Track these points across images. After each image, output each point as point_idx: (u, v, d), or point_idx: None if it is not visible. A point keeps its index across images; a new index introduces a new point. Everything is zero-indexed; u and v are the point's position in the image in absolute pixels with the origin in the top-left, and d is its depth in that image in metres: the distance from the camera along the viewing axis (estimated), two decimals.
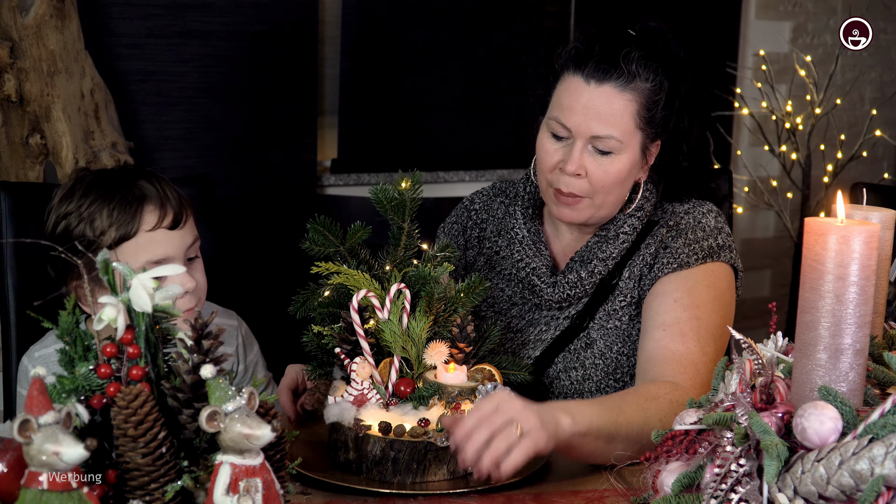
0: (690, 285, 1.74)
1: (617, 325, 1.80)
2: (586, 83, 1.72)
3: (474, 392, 1.53)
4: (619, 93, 1.72)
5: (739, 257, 1.84)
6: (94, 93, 2.69)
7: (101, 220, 1.70)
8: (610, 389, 1.79)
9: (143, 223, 1.71)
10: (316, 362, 1.62)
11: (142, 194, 1.72)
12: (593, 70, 1.72)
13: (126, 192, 1.72)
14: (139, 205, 1.71)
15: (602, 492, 1.46)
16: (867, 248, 1.11)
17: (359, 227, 1.62)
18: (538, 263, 1.84)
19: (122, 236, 1.70)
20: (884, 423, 1.07)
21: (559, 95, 1.76)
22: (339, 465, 1.50)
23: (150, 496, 1.08)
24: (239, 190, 3.20)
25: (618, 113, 1.72)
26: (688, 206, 1.83)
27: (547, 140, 1.77)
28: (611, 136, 1.72)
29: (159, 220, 1.72)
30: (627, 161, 1.74)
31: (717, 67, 3.89)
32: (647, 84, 1.72)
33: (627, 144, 1.73)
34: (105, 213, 1.70)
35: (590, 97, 1.72)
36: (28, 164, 2.62)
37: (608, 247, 1.80)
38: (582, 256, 1.82)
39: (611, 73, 1.71)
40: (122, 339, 1.13)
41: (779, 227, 4.12)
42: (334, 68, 3.44)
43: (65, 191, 1.75)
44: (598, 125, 1.71)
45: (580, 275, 1.80)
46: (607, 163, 1.73)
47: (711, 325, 1.72)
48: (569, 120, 1.73)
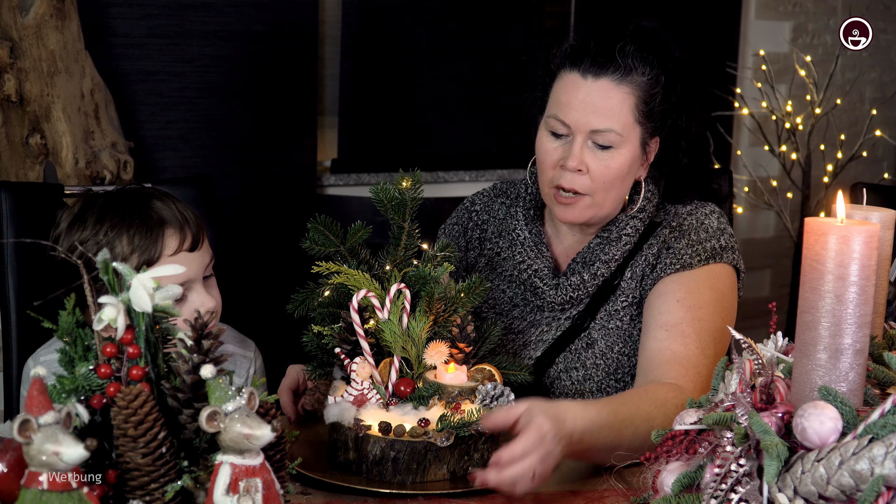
0: (693, 286, 1.74)
1: (618, 326, 1.80)
2: (583, 78, 1.73)
3: (474, 392, 1.53)
4: (616, 86, 1.72)
5: (742, 258, 1.84)
6: (94, 93, 2.69)
7: (121, 247, 1.67)
8: (611, 390, 1.79)
9: (166, 248, 1.69)
10: (316, 362, 1.62)
11: (160, 218, 1.70)
12: (590, 65, 1.73)
13: (144, 216, 1.69)
14: (160, 229, 1.69)
15: (602, 492, 1.46)
16: (867, 248, 1.11)
17: (359, 226, 1.62)
18: (540, 265, 1.84)
19: (145, 262, 1.67)
20: (884, 423, 1.07)
21: (557, 93, 1.77)
22: (338, 465, 1.50)
23: (150, 496, 1.08)
24: (239, 190, 3.20)
25: (616, 106, 1.72)
26: (690, 208, 1.83)
27: (546, 139, 1.77)
28: (610, 129, 1.72)
29: (180, 243, 1.70)
30: (628, 156, 1.74)
31: (717, 67, 3.89)
32: (643, 77, 1.73)
33: (627, 138, 1.73)
34: (125, 239, 1.67)
35: (587, 92, 1.72)
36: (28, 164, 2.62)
37: (610, 248, 1.80)
38: (584, 258, 1.82)
39: (607, 67, 1.72)
40: (122, 339, 1.13)
41: (779, 227, 4.12)
42: (334, 68, 3.44)
43: (73, 216, 1.72)
44: (596, 119, 1.72)
45: (583, 277, 1.80)
46: (608, 158, 1.73)
47: (712, 327, 1.72)
48: (567, 116, 1.73)
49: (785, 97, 3.80)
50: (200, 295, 1.72)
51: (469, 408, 1.49)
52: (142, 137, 3.03)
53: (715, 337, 1.72)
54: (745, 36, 4.02)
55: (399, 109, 3.53)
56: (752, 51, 3.97)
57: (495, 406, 1.51)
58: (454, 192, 3.44)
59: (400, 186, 1.62)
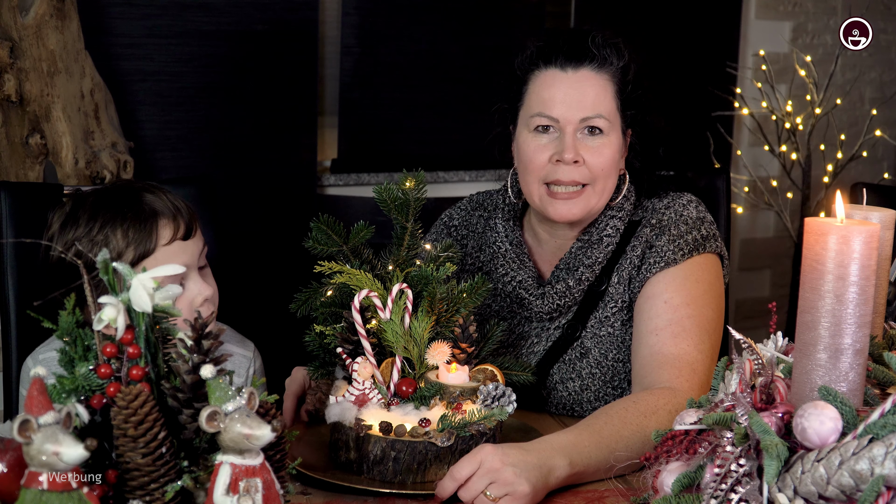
0: (679, 282, 1.74)
1: (610, 332, 1.79)
2: (563, 71, 1.74)
3: (476, 392, 1.53)
4: (596, 74, 1.74)
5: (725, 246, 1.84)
6: (94, 93, 2.69)
7: (116, 241, 1.68)
8: (609, 398, 1.78)
9: (160, 238, 1.70)
10: (318, 362, 1.62)
11: (153, 210, 1.71)
12: (566, 59, 1.74)
13: (137, 209, 1.70)
14: (153, 220, 1.70)
15: (602, 492, 1.46)
16: (867, 248, 1.11)
17: (362, 226, 1.62)
18: (524, 276, 1.83)
19: (140, 255, 1.68)
20: (884, 423, 1.07)
21: (536, 92, 1.77)
22: (339, 465, 1.50)
23: (150, 496, 1.08)
24: (239, 190, 3.20)
25: (601, 93, 1.74)
26: (667, 201, 1.83)
27: (532, 139, 1.77)
28: (599, 114, 1.73)
29: (174, 232, 1.71)
30: (616, 143, 1.76)
31: (717, 67, 3.89)
32: (618, 66, 1.76)
33: (613, 124, 1.75)
34: (119, 233, 1.68)
35: (570, 83, 1.73)
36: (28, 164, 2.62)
37: (593, 252, 1.79)
38: (567, 263, 1.81)
39: (584, 58, 1.74)
40: (122, 339, 1.13)
41: (779, 227, 4.12)
42: (334, 68, 3.44)
43: (64, 216, 1.72)
44: (584, 108, 1.73)
45: (568, 283, 1.79)
46: (600, 145, 1.74)
47: (704, 320, 1.71)
48: (554, 110, 1.73)
49: (785, 97, 3.80)
50: (197, 283, 1.72)
51: (471, 408, 1.49)
52: (142, 137, 3.04)
53: (708, 329, 1.71)
54: (745, 36, 4.02)
55: (399, 109, 3.53)
56: (752, 51, 3.97)
57: (496, 406, 1.51)
58: (454, 192, 3.44)
59: (403, 186, 1.62)
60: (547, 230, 1.85)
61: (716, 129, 3.86)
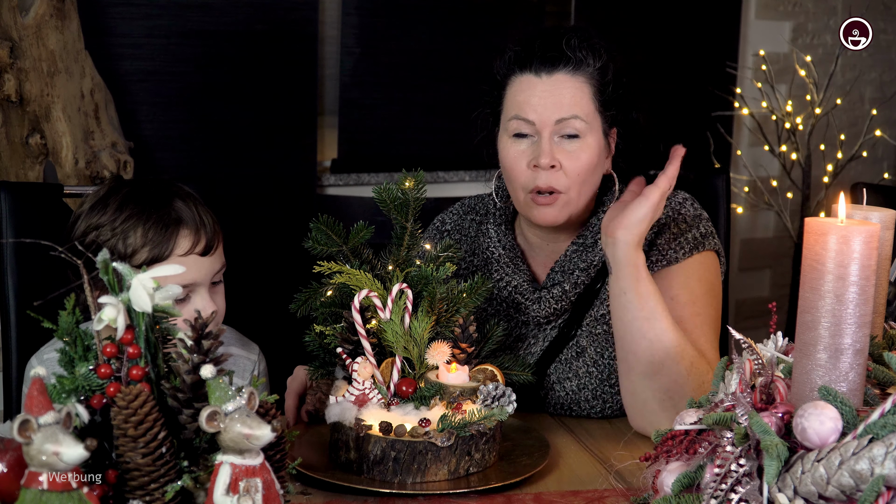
0: (682, 280, 1.74)
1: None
2: (537, 76, 1.74)
3: (476, 392, 1.53)
4: (571, 77, 1.73)
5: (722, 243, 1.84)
6: (94, 93, 2.69)
7: (134, 238, 1.68)
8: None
9: (177, 247, 1.70)
10: (318, 362, 1.62)
11: (178, 217, 1.71)
12: (540, 64, 1.74)
13: (163, 212, 1.70)
14: (175, 228, 1.70)
15: (602, 492, 1.46)
16: (867, 248, 1.11)
17: (362, 226, 1.62)
18: (519, 280, 1.82)
19: (153, 258, 1.68)
20: (884, 423, 1.07)
21: (513, 96, 1.77)
22: (339, 465, 1.50)
23: (150, 496, 1.08)
24: (239, 190, 3.20)
25: (576, 95, 1.73)
26: None
27: (511, 144, 1.77)
28: (574, 115, 1.72)
29: (192, 245, 1.71)
30: (595, 145, 1.74)
31: (717, 67, 3.89)
32: (594, 67, 1.75)
33: (591, 126, 1.74)
34: (140, 231, 1.68)
35: (545, 87, 1.73)
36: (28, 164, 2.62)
37: (588, 255, 1.79)
38: (562, 266, 1.81)
39: (558, 62, 1.73)
40: (122, 339, 1.13)
41: (779, 227, 4.12)
42: (334, 68, 3.44)
43: (97, 199, 1.73)
44: (559, 109, 1.72)
45: (563, 287, 1.78)
46: (577, 149, 1.73)
47: (709, 318, 1.74)
48: (530, 113, 1.73)
49: (785, 97, 3.80)
50: (203, 299, 1.72)
51: (471, 408, 1.49)
52: (142, 137, 3.04)
53: (713, 327, 1.74)
54: (745, 36, 4.02)
55: (399, 109, 3.53)
56: (752, 51, 3.97)
57: (496, 406, 1.51)
58: (454, 192, 3.44)
59: (403, 186, 1.62)
60: (537, 234, 1.85)
61: (716, 129, 3.86)
